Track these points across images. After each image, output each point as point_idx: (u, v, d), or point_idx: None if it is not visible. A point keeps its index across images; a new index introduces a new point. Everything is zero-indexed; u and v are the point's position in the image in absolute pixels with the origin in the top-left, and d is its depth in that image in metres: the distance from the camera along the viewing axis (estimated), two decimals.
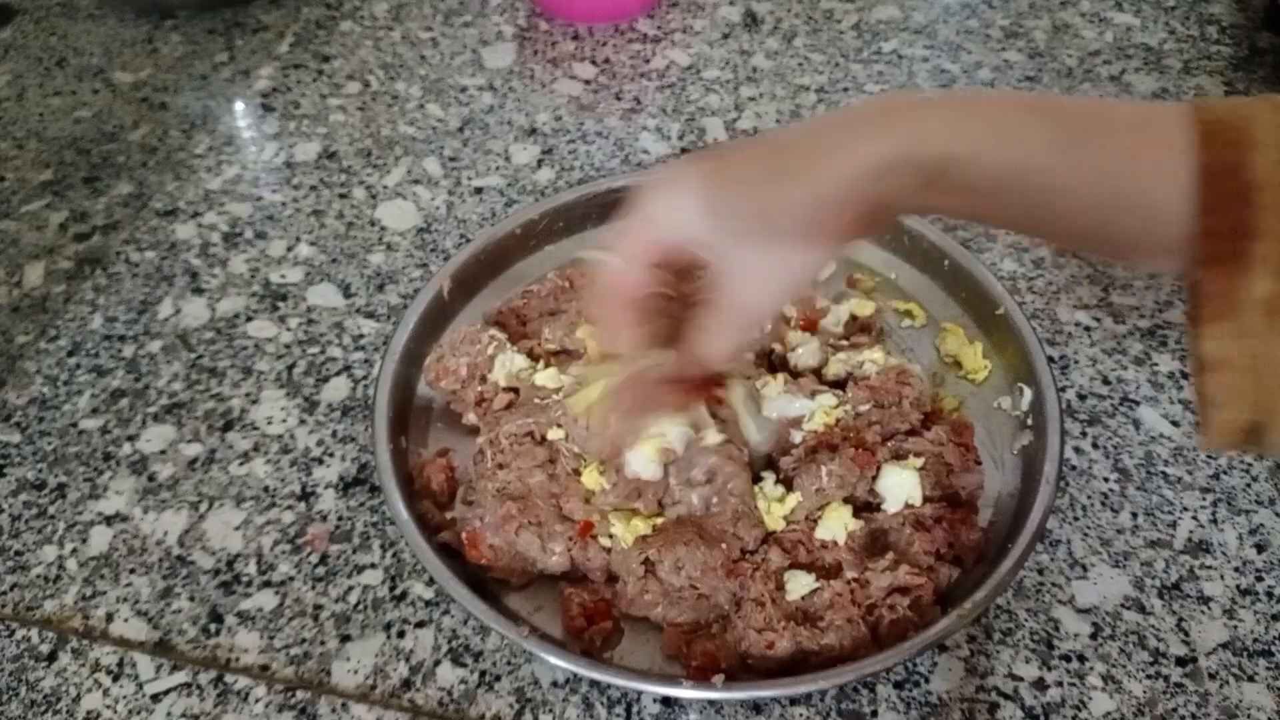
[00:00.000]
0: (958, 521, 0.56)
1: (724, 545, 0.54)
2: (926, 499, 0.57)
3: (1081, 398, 0.65)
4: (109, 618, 0.57)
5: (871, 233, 0.46)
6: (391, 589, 0.57)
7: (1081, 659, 0.54)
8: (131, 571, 0.59)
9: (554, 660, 0.51)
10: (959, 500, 0.58)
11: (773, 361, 0.65)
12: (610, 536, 0.55)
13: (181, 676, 0.54)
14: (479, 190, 0.80)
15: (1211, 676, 0.53)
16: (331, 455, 0.64)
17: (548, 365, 0.63)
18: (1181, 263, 0.37)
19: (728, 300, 0.44)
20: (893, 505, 0.57)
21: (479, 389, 0.63)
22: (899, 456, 0.58)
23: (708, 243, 0.43)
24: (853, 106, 0.46)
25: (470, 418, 0.63)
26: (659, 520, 0.56)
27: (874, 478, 0.57)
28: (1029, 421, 0.61)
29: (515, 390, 0.63)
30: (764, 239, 0.42)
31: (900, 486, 0.57)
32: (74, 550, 0.60)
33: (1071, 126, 0.38)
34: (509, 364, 0.63)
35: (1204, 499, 0.60)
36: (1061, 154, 0.38)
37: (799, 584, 0.53)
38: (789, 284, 0.44)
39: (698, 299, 0.46)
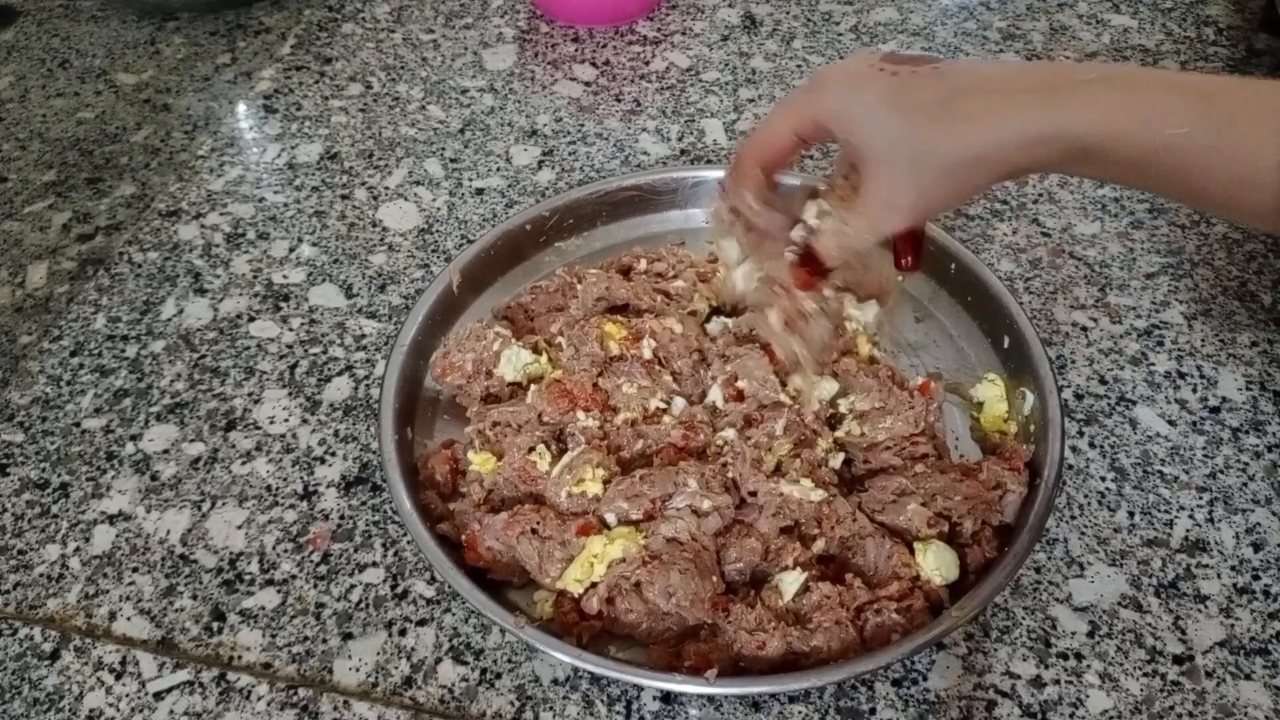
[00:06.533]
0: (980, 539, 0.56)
1: (714, 578, 0.54)
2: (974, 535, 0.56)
3: (1079, 397, 0.66)
4: (111, 616, 0.57)
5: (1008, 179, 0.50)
6: (393, 587, 0.58)
7: (1079, 657, 0.54)
8: (134, 570, 0.59)
9: (550, 651, 0.51)
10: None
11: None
12: (594, 559, 0.55)
13: (184, 675, 0.55)
14: (480, 191, 0.81)
15: (1208, 675, 0.54)
16: (333, 454, 0.64)
17: (551, 360, 0.64)
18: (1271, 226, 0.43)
19: (866, 198, 0.47)
20: (925, 573, 0.55)
21: (485, 384, 0.63)
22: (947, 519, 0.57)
23: (864, 132, 0.46)
24: (1018, 71, 0.51)
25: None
26: (645, 540, 0.55)
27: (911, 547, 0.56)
28: (1031, 426, 0.61)
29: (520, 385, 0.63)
30: (919, 157, 0.45)
31: (942, 566, 0.55)
32: (77, 549, 0.60)
33: (1209, 108, 0.42)
34: (515, 359, 0.63)
35: (1200, 498, 0.61)
36: (1199, 136, 0.42)
37: (789, 583, 0.53)
38: (927, 200, 0.47)
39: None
